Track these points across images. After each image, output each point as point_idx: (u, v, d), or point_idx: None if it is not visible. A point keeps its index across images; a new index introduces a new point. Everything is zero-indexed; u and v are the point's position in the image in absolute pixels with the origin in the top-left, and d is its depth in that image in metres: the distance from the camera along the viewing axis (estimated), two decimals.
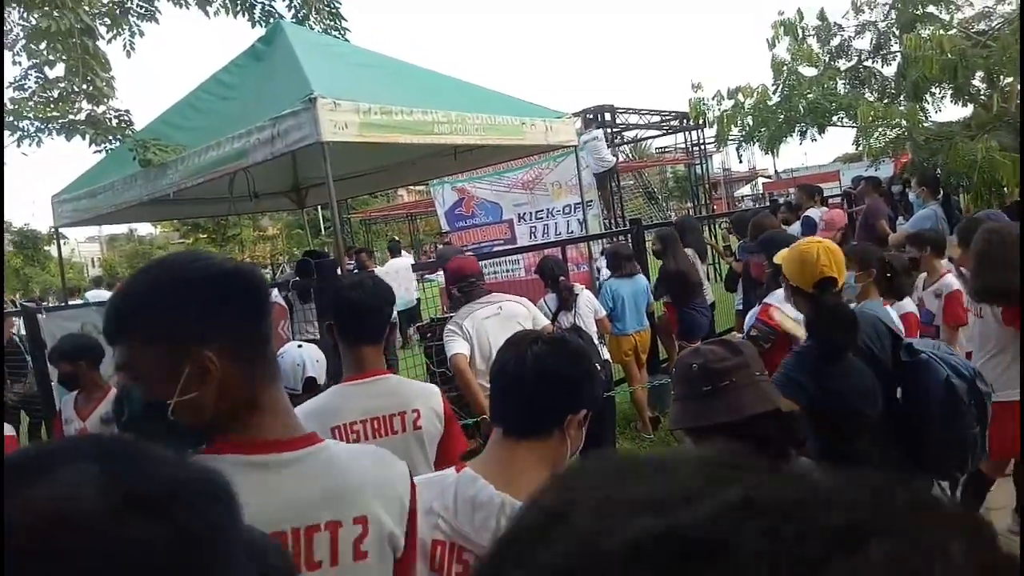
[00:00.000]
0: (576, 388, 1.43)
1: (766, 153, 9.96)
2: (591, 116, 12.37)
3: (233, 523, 0.55)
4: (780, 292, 3.49)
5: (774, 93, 8.63)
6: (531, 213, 12.33)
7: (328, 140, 4.36)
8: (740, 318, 5.59)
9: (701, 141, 15.19)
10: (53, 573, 0.46)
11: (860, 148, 9.19)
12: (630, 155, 20.59)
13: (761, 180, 34.66)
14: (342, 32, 7.22)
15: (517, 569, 0.32)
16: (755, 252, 4.17)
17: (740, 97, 8.56)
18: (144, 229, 46.55)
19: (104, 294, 12.30)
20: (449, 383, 5.52)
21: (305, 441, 1.13)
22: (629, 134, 15.72)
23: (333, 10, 7.27)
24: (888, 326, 2.51)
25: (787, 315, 3.21)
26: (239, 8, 7.08)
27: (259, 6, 7.09)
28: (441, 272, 10.06)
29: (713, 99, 8.67)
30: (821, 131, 8.67)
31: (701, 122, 10.06)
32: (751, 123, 8.66)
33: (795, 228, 6.53)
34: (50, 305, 8.42)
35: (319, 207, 8.96)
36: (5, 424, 3.43)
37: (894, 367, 2.32)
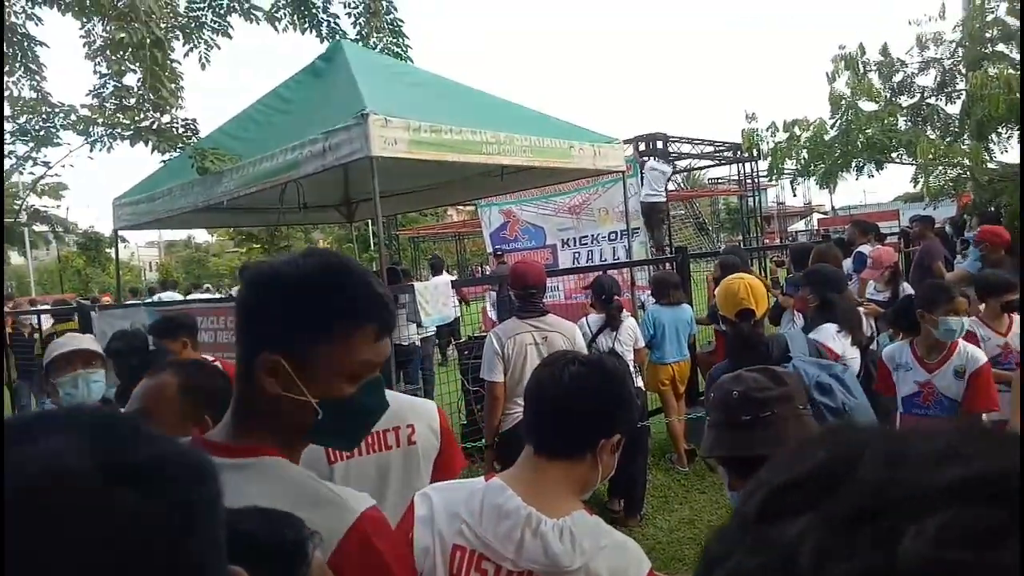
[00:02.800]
0: (611, 412, 1.40)
1: (822, 188, 9.76)
2: (643, 143, 12.31)
3: (215, 502, 0.54)
4: (827, 327, 3.39)
5: (831, 127, 8.47)
6: (575, 239, 12.30)
7: (377, 155, 4.43)
8: None
9: (754, 173, 15.00)
10: (32, 539, 0.45)
11: (918, 186, 8.94)
12: (681, 184, 20.44)
13: (816, 216, 33.95)
14: (404, 50, 7.39)
15: (809, 509, 0.33)
16: (803, 285, 4.06)
17: (796, 130, 8.44)
18: (201, 236, 48.14)
19: (176, 296, 12.68)
20: (483, 402, 5.52)
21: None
22: (681, 163, 15.61)
23: (396, 28, 7.46)
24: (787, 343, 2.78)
25: (832, 349, 3.14)
26: (307, 25, 7.33)
27: (326, 23, 7.33)
28: (488, 293, 10.13)
29: (767, 131, 8.56)
30: (879, 167, 8.48)
31: (754, 153, 9.93)
32: (807, 156, 8.51)
33: (847, 264, 6.36)
34: (116, 303, 8.69)
35: (369, 222, 9.12)
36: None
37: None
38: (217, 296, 13.71)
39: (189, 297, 13.45)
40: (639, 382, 4.92)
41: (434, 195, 8.01)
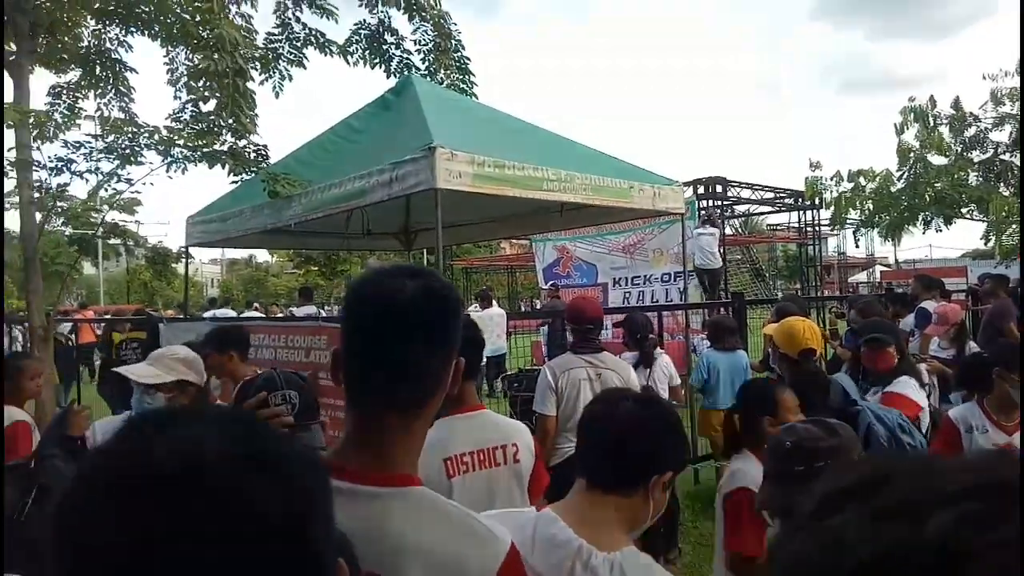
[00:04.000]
0: (664, 449, 1.42)
1: (885, 240, 9.54)
2: (702, 186, 12.26)
3: (328, 492, 0.60)
4: (908, 380, 3.35)
5: (898, 179, 8.31)
6: (628, 278, 12.26)
7: (442, 187, 4.55)
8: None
9: (816, 221, 14.73)
10: (170, 517, 0.51)
11: (989, 244, 8.66)
12: (739, 229, 20.19)
13: (879, 268, 33.04)
14: (470, 85, 7.61)
15: (855, 505, 0.42)
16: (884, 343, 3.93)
17: (861, 180, 8.31)
18: (261, 256, 49.59)
19: (228, 312, 13.11)
20: (532, 434, 5.51)
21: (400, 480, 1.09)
22: (740, 208, 15.46)
23: (463, 65, 7.69)
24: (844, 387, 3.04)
25: (917, 402, 3.16)
26: (377, 60, 7.62)
27: (396, 58, 7.61)
28: (541, 327, 10.16)
29: (832, 179, 8.44)
30: (947, 222, 8.27)
31: (817, 202, 9.78)
32: (871, 207, 8.35)
33: (908, 321, 6.17)
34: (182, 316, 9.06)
35: (424, 251, 9.31)
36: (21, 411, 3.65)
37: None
38: (280, 315, 14.03)
39: (243, 315, 13.87)
40: None
41: (492, 228, 8.13)
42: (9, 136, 5.97)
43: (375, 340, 1.06)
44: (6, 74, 6.25)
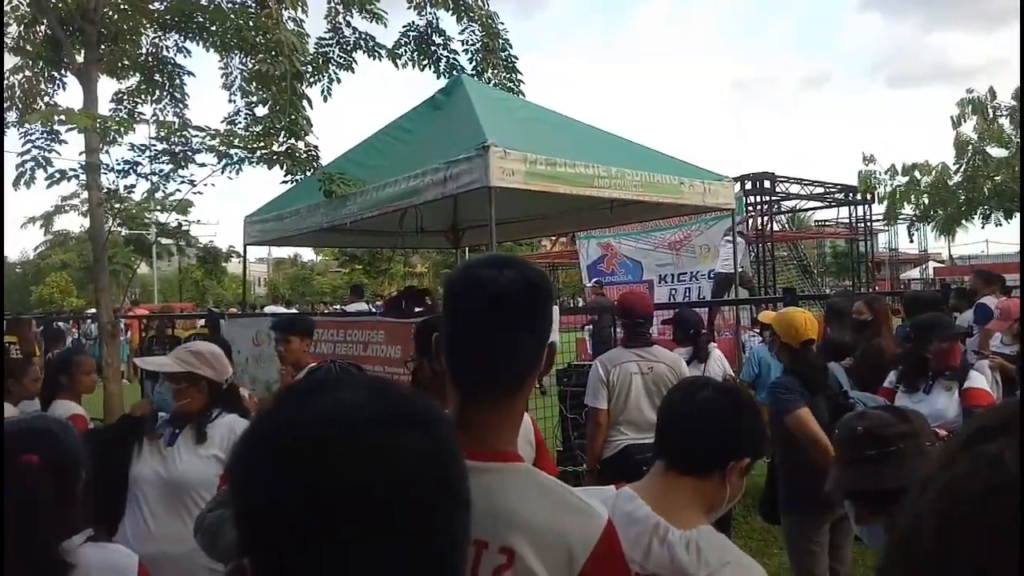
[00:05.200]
0: (741, 435, 1.47)
1: (940, 235, 9.30)
2: (750, 182, 12.12)
3: (457, 442, 0.66)
4: (977, 375, 3.34)
5: (955, 172, 8.10)
6: (674, 275, 12.16)
7: (495, 185, 4.63)
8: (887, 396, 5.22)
9: (867, 217, 14.41)
10: (334, 473, 0.57)
11: None
12: (787, 226, 19.85)
13: (933, 264, 32.09)
14: (517, 84, 7.68)
15: (1004, 436, 0.47)
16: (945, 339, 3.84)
17: (916, 174, 8.12)
18: (307, 255, 50.53)
19: (279, 309, 13.42)
20: (580, 428, 5.56)
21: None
22: (788, 204, 15.21)
23: (510, 64, 7.76)
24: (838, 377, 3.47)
25: (993, 396, 3.19)
26: (426, 61, 7.74)
27: (444, 59, 7.72)
28: (586, 326, 10.18)
29: (886, 173, 8.27)
30: (1008, 216, 8.03)
31: (869, 196, 9.60)
32: (927, 202, 8.16)
33: (967, 316, 6.03)
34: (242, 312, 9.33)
35: (467, 249, 9.43)
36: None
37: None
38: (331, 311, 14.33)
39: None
40: None
41: (542, 225, 8.20)
42: (79, 140, 6.27)
43: (476, 326, 1.13)
44: (76, 80, 6.55)
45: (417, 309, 6.05)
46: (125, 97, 7.12)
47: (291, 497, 0.57)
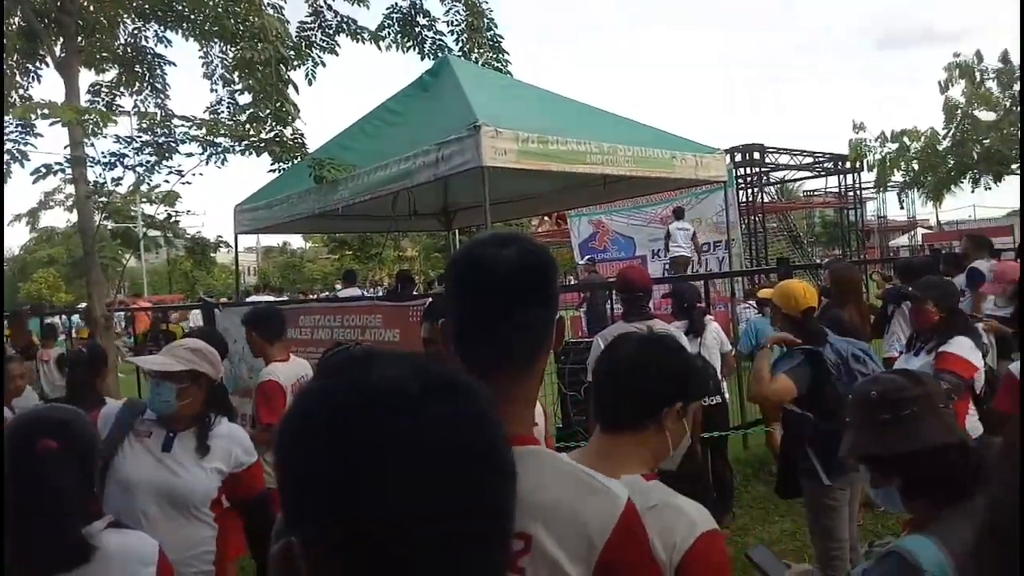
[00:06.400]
0: (668, 380, 1.47)
1: (928, 201, 9.34)
2: (740, 154, 12.11)
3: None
4: (962, 340, 3.35)
5: (944, 138, 8.11)
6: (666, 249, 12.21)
7: (488, 165, 4.61)
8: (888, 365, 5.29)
9: (856, 185, 14.44)
10: (388, 437, 0.58)
11: None
12: (776, 196, 19.88)
13: (921, 230, 32.29)
14: (504, 64, 7.61)
15: None
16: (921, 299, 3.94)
17: (906, 140, 8.11)
18: (296, 243, 50.30)
19: (265, 298, 13.38)
20: (579, 405, 5.59)
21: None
22: (777, 175, 15.21)
23: (496, 44, 7.69)
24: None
25: (972, 363, 3.17)
26: (411, 43, 7.65)
27: (429, 40, 7.64)
28: (580, 304, 10.22)
29: (876, 141, 8.27)
30: (997, 179, 8.06)
31: (859, 165, 9.60)
32: (916, 167, 8.18)
33: (959, 280, 6.07)
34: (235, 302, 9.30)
35: (456, 232, 9.40)
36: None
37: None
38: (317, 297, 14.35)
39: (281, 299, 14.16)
40: (724, 390, 4.96)
41: (534, 204, 8.18)
42: (64, 134, 6.17)
43: (482, 306, 1.12)
44: (52, 73, 6.44)
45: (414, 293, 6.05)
46: (103, 89, 7.01)
47: (344, 470, 0.57)
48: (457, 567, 0.59)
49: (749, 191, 13.54)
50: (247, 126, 6.01)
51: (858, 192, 14.70)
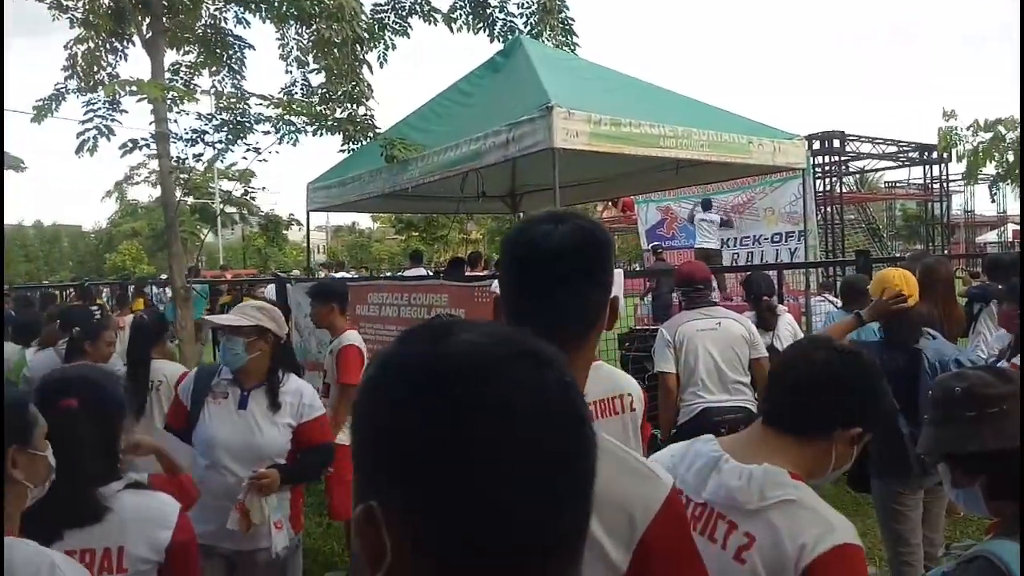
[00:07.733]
0: (856, 402, 1.40)
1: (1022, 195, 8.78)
2: (818, 141, 11.65)
3: None
4: None
5: None
6: (736, 239, 11.87)
7: (559, 147, 4.55)
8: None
9: (943, 176, 13.70)
10: (481, 399, 0.57)
11: None
12: (855, 187, 19.08)
13: (1012, 227, 30.51)
14: (572, 48, 7.52)
15: None
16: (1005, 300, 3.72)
17: (1001, 129, 7.63)
18: (364, 222, 51.32)
19: (343, 275, 13.71)
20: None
21: None
22: (857, 164, 14.58)
23: (567, 26, 7.59)
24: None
25: None
26: (481, 24, 7.64)
27: (500, 22, 7.60)
28: (646, 293, 10.10)
29: (968, 129, 7.81)
30: None
31: (948, 155, 9.10)
32: (1011, 159, 7.69)
33: None
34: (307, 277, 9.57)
35: (522, 215, 9.38)
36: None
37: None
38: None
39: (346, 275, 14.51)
40: None
41: (605, 188, 8.09)
42: (140, 110, 6.41)
43: (536, 282, 1.12)
44: (138, 51, 6.68)
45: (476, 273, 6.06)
46: (182, 68, 7.24)
47: (436, 431, 0.56)
48: (541, 533, 0.57)
49: (827, 180, 13.04)
50: (321, 107, 6.11)
51: (944, 184, 13.94)
